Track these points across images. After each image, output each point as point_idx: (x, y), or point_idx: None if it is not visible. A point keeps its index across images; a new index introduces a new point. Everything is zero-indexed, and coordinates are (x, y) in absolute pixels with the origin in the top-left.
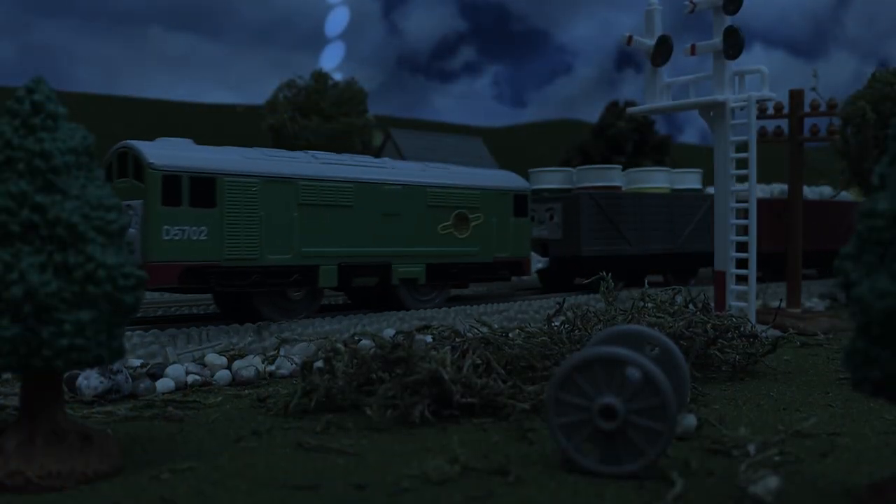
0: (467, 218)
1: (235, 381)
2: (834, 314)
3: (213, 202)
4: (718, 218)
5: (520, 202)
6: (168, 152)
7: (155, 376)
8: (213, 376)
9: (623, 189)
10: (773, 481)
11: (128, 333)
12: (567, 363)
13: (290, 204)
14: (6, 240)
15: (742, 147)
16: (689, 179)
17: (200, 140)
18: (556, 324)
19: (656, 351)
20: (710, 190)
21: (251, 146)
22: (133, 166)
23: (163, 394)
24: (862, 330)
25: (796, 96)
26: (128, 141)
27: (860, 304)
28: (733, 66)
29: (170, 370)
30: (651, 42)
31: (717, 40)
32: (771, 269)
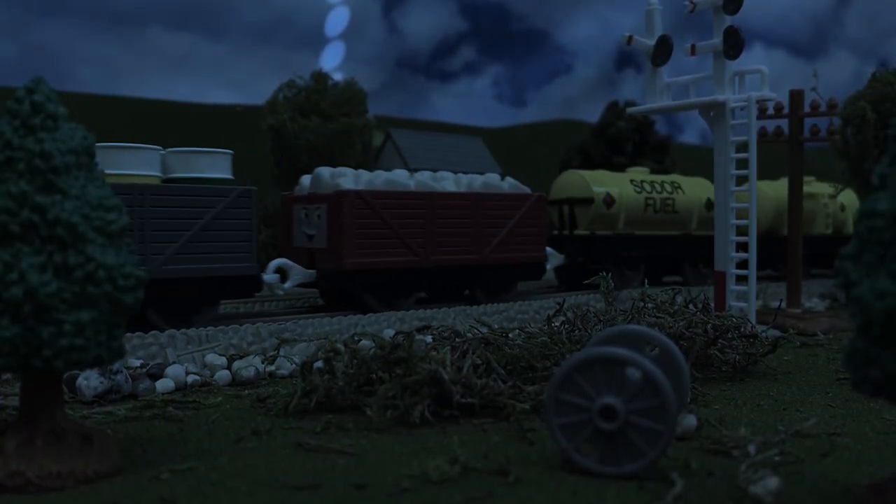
0: None
1: (235, 382)
2: (834, 314)
3: None
4: (719, 218)
5: None
6: None
7: (155, 377)
8: (212, 376)
9: None
10: (773, 481)
11: (127, 334)
12: (567, 363)
13: None
14: (6, 240)
15: (742, 147)
16: (208, 164)
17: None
18: (556, 324)
19: (656, 351)
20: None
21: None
22: None
23: (163, 394)
24: (862, 330)
25: (796, 96)
26: None
27: (860, 304)
28: (733, 66)
29: (169, 370)
30: (651, 42)
31: (717, 40)
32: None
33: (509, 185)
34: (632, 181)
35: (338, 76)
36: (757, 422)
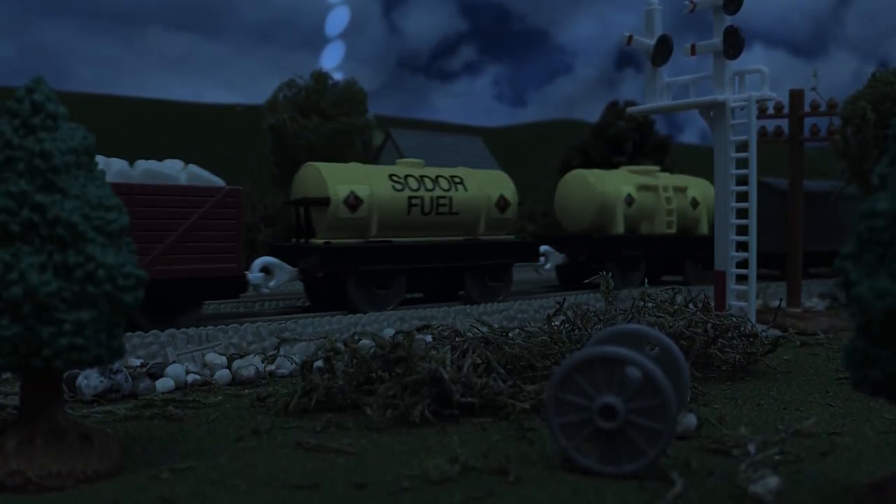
0: None
1: (235, 381)
2: (834, 314)
3: None
4: (718, 218)
5: None
6: None
7: (155, 376)
8: (212, 376)
9: None
10: (773, 481)
11: (128, 334)
12: (567, 363)
13: None
14: (6, 240)
15: (742, 147)
16: None
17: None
18: (556, 323)
19: (656, 350)
20: None
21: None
22: None
23: (163, 393)
24: (862, 330)
25: (796, 96)
26: None
27: (860, 304)
28: (733, 65)
29: (169, 370)
30: (651, 42)
31: (717, 40)
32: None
33: (189, 175)
34: (392, 177)
35: (338, 76)
36: (757, 421)
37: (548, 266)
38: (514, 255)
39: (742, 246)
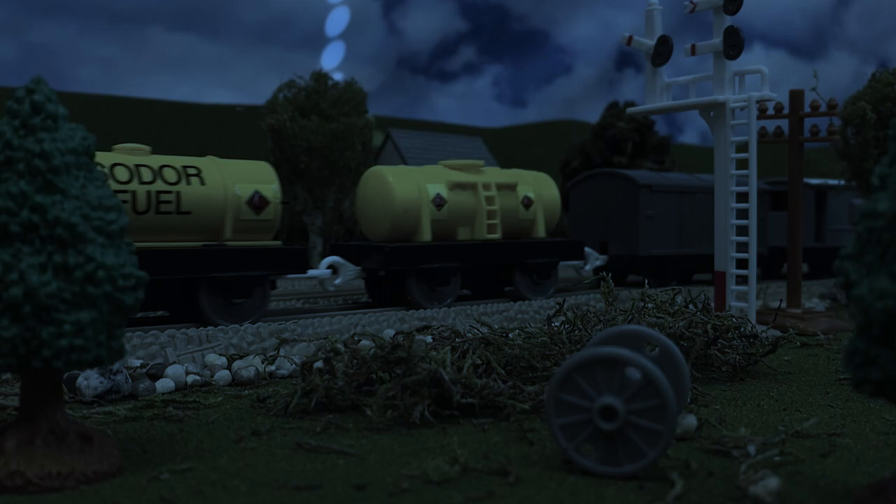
0: None
1: (235, 382)
2: (834, 314)
3: None
4: (718, 218)
5: None
6: None
7: (155, 377)
8: (212, 376)
9: None
10: (773, 482)
11: (128, 334)
12: (567, 363)
13: None
14: (6, 240)
15: (742, 147)
16: None
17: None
18: (557, 324)
19: (656, 351)
20: None
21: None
22: None
23: (163, 394)
24: (862, 330)
25: (796, 96)
26: None
27: (860, 305)
28: (733, 66)
29: (169, 370)
30: (651, 42)
31: (717, 40)
32: None
33: None
34: None
35: (338, 76)
36: (757, 422)
37: (338, 280)
38: (269, 266)
39: (742, 246)
